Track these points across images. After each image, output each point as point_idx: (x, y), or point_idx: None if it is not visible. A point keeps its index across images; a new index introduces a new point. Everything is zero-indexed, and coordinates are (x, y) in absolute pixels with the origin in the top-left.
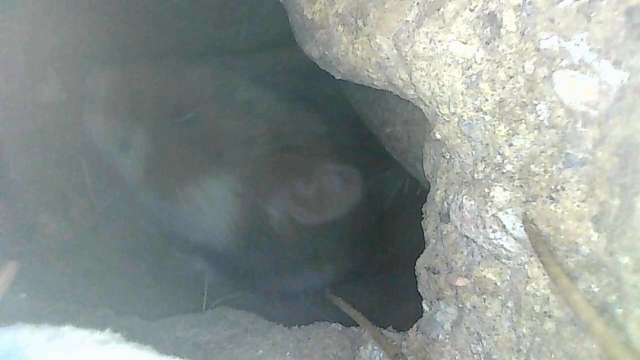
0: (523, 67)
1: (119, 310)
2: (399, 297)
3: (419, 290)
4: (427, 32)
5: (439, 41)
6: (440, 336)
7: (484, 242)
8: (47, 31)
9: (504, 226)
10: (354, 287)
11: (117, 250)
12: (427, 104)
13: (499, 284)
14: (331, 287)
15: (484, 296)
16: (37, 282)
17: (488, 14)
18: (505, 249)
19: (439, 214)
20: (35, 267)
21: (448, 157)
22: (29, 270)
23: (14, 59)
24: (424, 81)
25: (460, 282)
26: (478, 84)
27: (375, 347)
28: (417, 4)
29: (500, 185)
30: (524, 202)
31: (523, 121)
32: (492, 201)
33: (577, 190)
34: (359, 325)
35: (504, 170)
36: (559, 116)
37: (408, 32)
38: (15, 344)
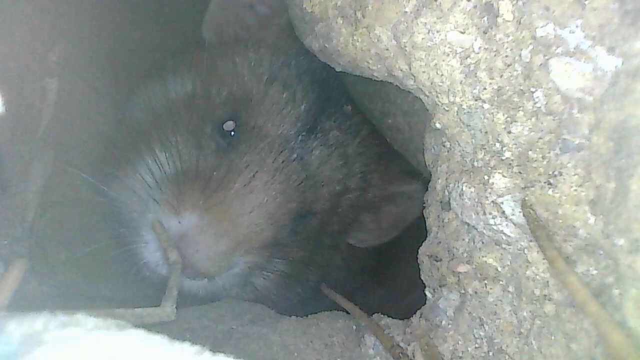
0: (520, 55)
1: (124, 306)
2: (402, 289)
3: (422, 277)
4: (426, 23)
5: (437, 31)
6: (444, 322)
7: (484, 229)
8: None
9: (503, 212)
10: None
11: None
12: (427, 94)
13: (499, 269)
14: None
15: (486, 281)
16: (43, 280)
17: (485, 3)
18: (505, 234)
19: (440, 202)
20: (39, 265)
21: (448, 146)
22: (35, 268)
23: None
24: (423, 71)
25: (462, 268)
26: (476, 73)
27: None
28: None
29: (499, 172)
30: (522, 188)
31: (521, 109)
32: (491, 188)
33: (574, 175)
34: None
35: (503, 157)
36: (555, 103)
37: (406, 23)
38: (33, 329)
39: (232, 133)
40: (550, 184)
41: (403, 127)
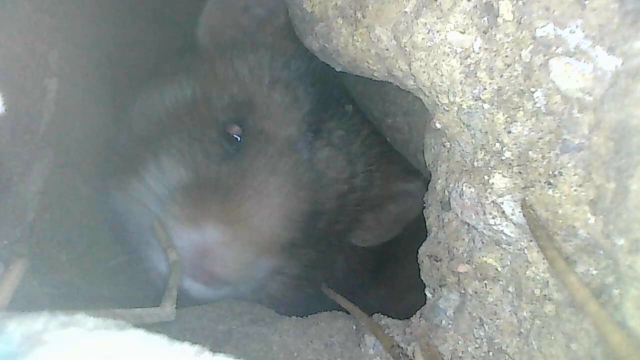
0: (520, 55)
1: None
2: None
3: (422, 277)
4: (426, 23)
5: (437, 31)
6: (444, 322)
7: (484, 229)
8: None
9: (503, 212)
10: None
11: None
12: (427, 94)
13: (499, 269)
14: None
15: (486, 281)
16: (43, 280)
17: (485, 3)
18: (505, 234)
19: (440, 202)
20: (39, 265)
21: (448, 146)
22: (35, 268)
23: None
24: (423, 71)
25: (462, 268)
26: (476, 73)
27: None
28: None
29: (499, 172)
30: (522, 188)
31: (521, 109)
32: (491, 188)
33: (574, 175)
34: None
35: (503, 158)
36: (555, 103)
37: (407, 23)
38: (33, 329)
39: (238, 138)
40: (550, 184)
41: (403, 127)
